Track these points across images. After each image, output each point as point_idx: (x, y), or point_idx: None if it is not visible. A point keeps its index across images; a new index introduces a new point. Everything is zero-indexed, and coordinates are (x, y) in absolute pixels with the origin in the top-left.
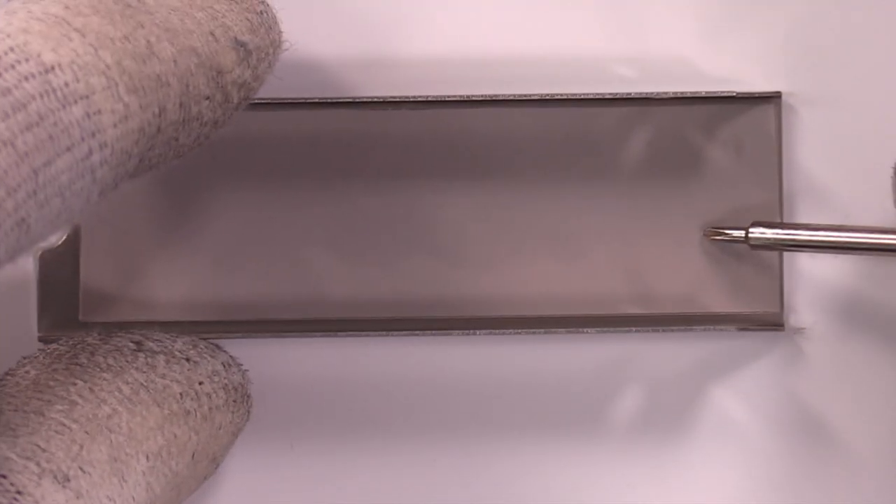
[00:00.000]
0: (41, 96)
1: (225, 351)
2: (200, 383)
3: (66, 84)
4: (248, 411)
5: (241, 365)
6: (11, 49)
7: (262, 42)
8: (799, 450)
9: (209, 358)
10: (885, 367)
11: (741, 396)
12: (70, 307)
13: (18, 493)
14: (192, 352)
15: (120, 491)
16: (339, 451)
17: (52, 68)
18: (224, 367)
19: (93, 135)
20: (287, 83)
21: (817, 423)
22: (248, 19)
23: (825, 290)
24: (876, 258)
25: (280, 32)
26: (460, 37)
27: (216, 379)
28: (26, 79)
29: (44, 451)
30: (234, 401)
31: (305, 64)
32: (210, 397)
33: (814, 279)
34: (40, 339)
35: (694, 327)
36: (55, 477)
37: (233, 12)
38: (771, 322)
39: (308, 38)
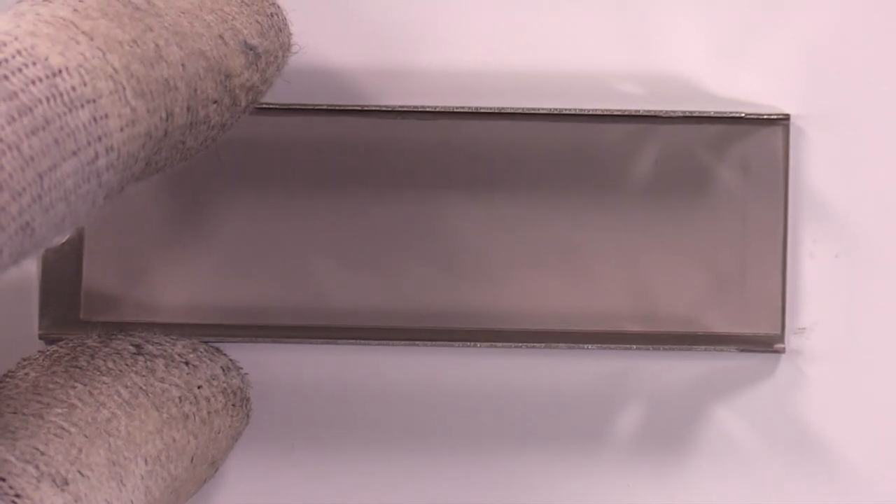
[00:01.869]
0: (48, 100)
1: (225, 354)
2: (199, 387)
3: (74, 88)
4: (248, 415)
5: (241, 368)
6: (19, 52)
7: (271, 45)
8: (798, 471)
9: (208, 362)
10: (884, 388)
11: (741, 416)
12: (71, 306)
13: (17, 496)
14: (191, 355)
15: (118, 495)
16: (339, 458)
17: (60, 72)
18: (223, 370)
19: (99, 139)
20: (294, 87)
21: (817, 444)
22: (258, 22)
23: (826, 313)
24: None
25: (290, 35)
26: (470, 48)
27: (215, 383)
28: (33, 82)
29: (42, 454)
30: (234, 405)
31: (313, 69)
32: (209, 401)
33: (815, 302)
34: (40, 338)
35: (695, 347)
36: (54, 480)
37: (243, 15)
38: (772, 344)
39: (317, 42)
